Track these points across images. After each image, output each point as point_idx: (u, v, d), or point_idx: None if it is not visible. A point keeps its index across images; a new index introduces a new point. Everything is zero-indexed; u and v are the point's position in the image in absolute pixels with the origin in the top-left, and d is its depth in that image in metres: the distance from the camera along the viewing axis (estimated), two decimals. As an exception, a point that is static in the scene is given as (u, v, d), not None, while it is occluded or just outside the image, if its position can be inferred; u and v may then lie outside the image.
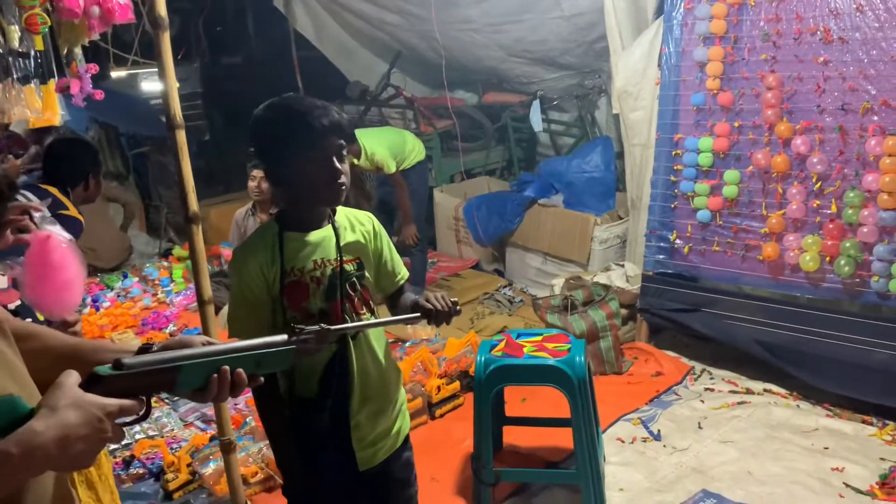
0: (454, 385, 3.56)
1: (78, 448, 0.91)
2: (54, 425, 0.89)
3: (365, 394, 1.79)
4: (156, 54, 2.59)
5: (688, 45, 3.66)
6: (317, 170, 1.67)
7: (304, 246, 1.74)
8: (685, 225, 3.75)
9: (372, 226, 1.87)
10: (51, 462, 0.91)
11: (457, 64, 5.84)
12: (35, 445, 0.88)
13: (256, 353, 1.19)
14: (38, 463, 0.90)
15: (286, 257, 1.72)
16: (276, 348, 1.23)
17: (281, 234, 1.73)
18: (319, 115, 1.65)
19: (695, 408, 3.42)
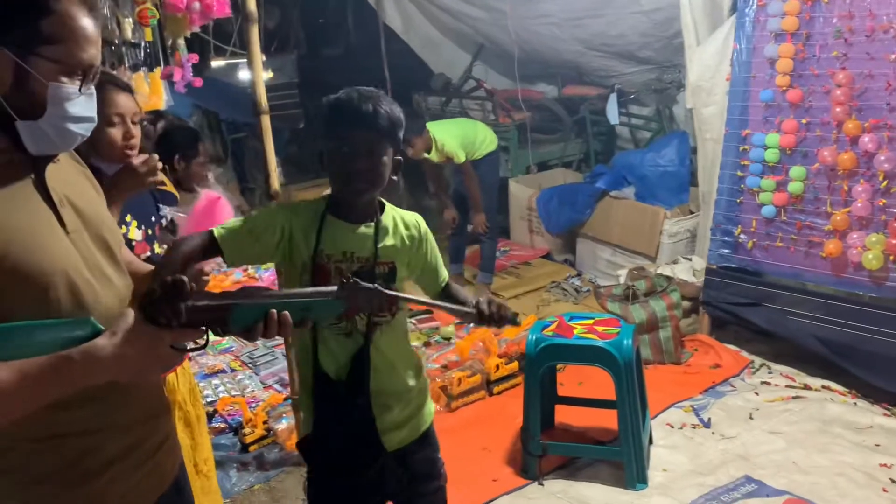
0: (513, 365, 3.73)
1: (134, 365, 1.12)
2: (113, 344, 1.09)
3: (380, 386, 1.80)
4: (245, 45, 2.87)
5: (759, 42, 3.69)
6: (336, 160, 1.68)
7: (341, 235, 1.73)
8: (750, 220, 3.79)
9: (418, 230, 1.83)
10: (108, 374, 1.11)
11: (537, 57, 5.98)
12: (94, 358, 1.08)
13: (306, 300, 1.29)
14: (96, 373, 1.10)
15: (324, 241, 1.71)
16: (324, 298, 1.30)
17: (324, 215, 1.73)
18: (353, 106, 1.65)
19: (748, 399, 3.47)
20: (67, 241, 1.21)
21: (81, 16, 1.17)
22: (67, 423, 1.21)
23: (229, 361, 4.13)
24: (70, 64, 1.16)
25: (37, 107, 1.16)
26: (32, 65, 1.13)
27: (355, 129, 1.64)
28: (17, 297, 1.12)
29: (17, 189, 1.18)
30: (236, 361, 4.12)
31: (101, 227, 1.31)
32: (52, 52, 1.14)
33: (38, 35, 1.13)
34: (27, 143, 1.17)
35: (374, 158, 1.66)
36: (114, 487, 1.28)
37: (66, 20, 1.14)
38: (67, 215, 1.23)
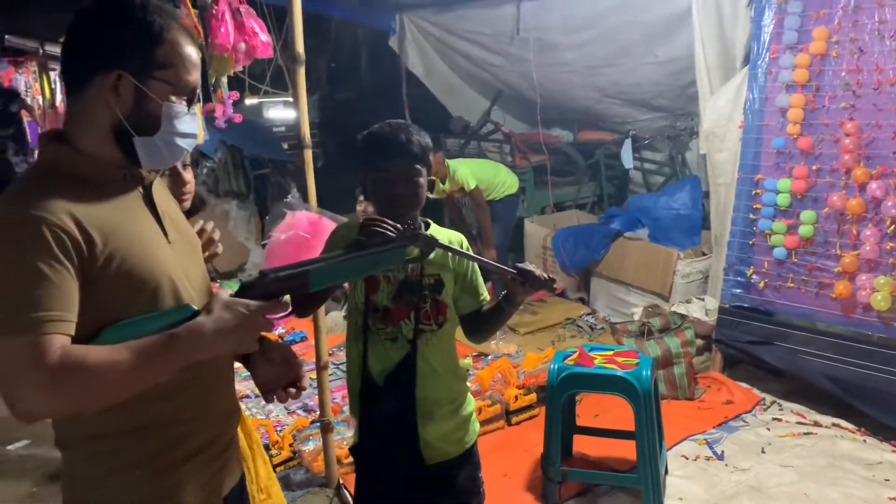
0: (531, 396, 3.84)
1: (233, 336, 1.26)
2: (212, 319, 1.24)
3: (424, 394, 1.89)
4: (291, 85, 3.06)
5: (771, 92, 3.88)
6: (378, 188, 1.83)
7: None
8: (762, 261, 3.93)
9: (463, 245, 1.94)
10: (211, 346, 1.25)
11: (554, 103, 6.20)
12: (198, 333, 1.22)
13: (373, 253, 1.49)
14: (200, 346, 1.24)
15: None
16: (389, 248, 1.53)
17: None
18: (390, 138, 1.81)
19: (760, 434, 3.57)
20: (170, 250, 1.37)
21: (187, 44, 1.33)
22: (159, 413, 1.33)
23: (253, 388, 4.24)
24: (179, 85, 1.32)
25: (152, 125, 1.31)
26: (149, 87, 1.29)
27: (395, 158, 1.81)
28: (130, 298, 1.26)
29: (131, 201, 1.34)
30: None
31: (190, 238, 1.49)
32: (164, 75, 1.30)
33: (153, 61, 1.28)
34: (142, 157, 1.32)
35: (413, 182, 1.84)
36: (196, 478, 1.39)
37: (175, 47, 1.30)
38: (169, 226, 1.39)
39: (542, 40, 5.46)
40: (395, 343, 1.87)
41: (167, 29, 1.30)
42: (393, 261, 1.55)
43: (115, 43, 1.28)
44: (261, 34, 3.52)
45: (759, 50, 3.92)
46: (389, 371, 1.87)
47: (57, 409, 1.21)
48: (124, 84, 1.27)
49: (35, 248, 1.16)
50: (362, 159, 1.88)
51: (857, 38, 3.53)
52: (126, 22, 1.29)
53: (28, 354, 1.13)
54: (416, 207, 1.87)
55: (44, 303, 1.15)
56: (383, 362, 1.88)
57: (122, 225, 1.28)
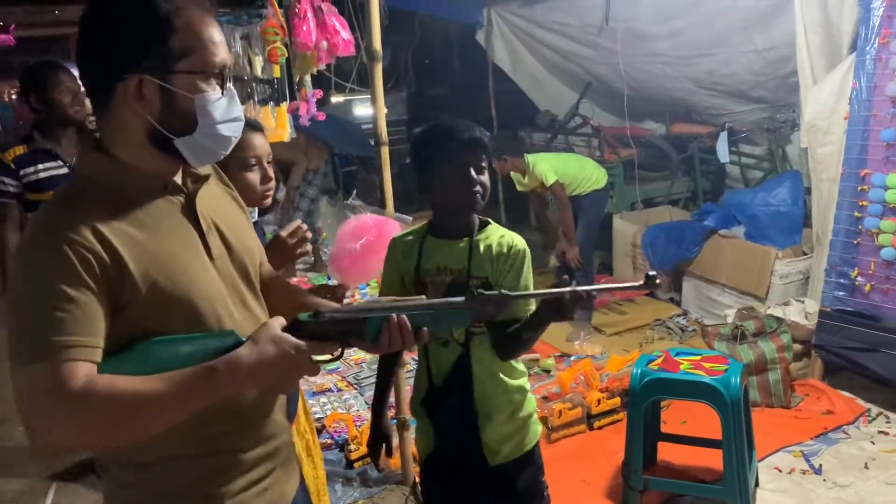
0: (615, 400, 3.72)
1: (273, 374, 1.17)
2: (254, 353, 1.15)
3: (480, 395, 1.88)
4: (369, 82, 3.06)
5: (880, 80, 3.60)
6: (455, 177, 1.82)
7: (437, 251, 1.89)
8: (868, 262, 3.66)
9: (511, 249, 1.87)
10: (249, 382, 1.16)
11: (646, 95, 5.99)
12: (237, 367, 1.13)
13: (435, 311, 1.34)
14: (238, 381, 1.15)
15: (422, 258, 1.88)
16: (453, 308, 1.36)
17: (425, 236, 1.92)
18: (461, 130, 1.83)
19: (864, 448, 3.33)
20: (212, 270, 1.27)
21: (204, 24, 1.21)
22: (210, 438, 1.26)
23: (336, 381, 4.31)
24: (206, 71, 1.21)
25: (188, 121, 1.21)
26: (174, 83, 1.19)
27: (470, 150, 1.83)
28: (163, 320, 1.18)
29: (169, 215, 1.25)
30: (343, 381, 4.30)
31: (243, 254, 1.36)
32: (187, 64, 1.19)
33: (170, 53, 1.18)
34: (188, 157, 1.24)
35: (485, 174, 1.86)
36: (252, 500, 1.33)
37: (191, 31, 1.19)
38: (213, 242, 1.29)
39: (632, 30, 5.27)
40: (446, 347, 1.87)
41: (176, 13, 1.18)
42: (457, 323, 1.48)
43: (124, 46, 1.18)
44: (342, 32, 3.55)
45: (868, 35, 3.64)
46: (446, 374, 1.88)
47: (79, 442, 1.12)
48: (147, 87, 1.18)
49: (58, 270, 1.09)
50: (420, 155, 1.89)
51: (981, 19, 3.23)
52: (129, 20, 1.18)
53: (49, 382, 1.06)
54: (486, 200, 1.87)
55: (67, 327, 1.08)
56: (440, 365, 1.89)
57: (156, 242, 1.19)
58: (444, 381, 1.88)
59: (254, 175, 1.97)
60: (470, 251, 1.86)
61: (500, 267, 1.87)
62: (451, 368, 1.87)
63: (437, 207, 1.92)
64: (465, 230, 1.89)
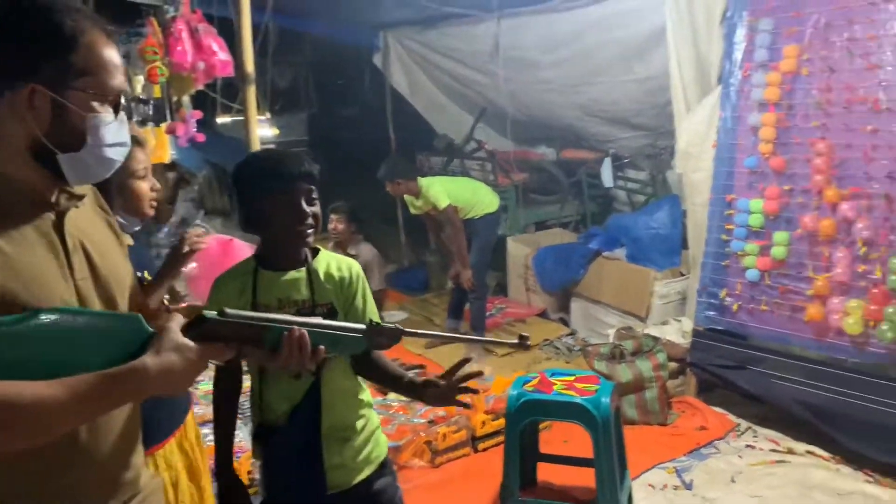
0: (499, 422, 3.74)
1: (175, 380, 1.16)
2: (159, 362, 1.14)
3: (331, 422, 1.86)
4: (241, 104, 3.02)
5: (743, 111, 3.81)
6: (286, 210, 1.77)
7: (274, 285, 1.82)
8: (735, 283, 3.85)
9: (349, 273, 1.89)
10: (155, 389, 1.16)
11: (537, 121, 6.16)
12: (142, 376, 1.13)
13: (337, 333, 1.38)
14: (145, 390, 1.16)
15: (258, 293, 1.81)
16: (355, 333, 1.40)
17: (256, 270, 1.84)
18: (290, 162, 1.79)
19: (732, 462, 3.47)
20: (73, 289, 1.22)
21: (106, 46, 1.21)
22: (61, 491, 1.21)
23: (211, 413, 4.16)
24: (102, 92, 1.21)
25: (76, 139, 1.19)
26: (69, 98, 1.17)
27: (297, 181, 1.78)
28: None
29: (36, 229, 1.20)
30: (226, 411, 4.16)
31: (109, 280, 1.31)
32: (84, 83, 1.18)
33: (69, 69, 1.16)
34: (68, 174, 1.21)
35: (316, 205, 1.82)
36: None
37: (93, 51, 1.18)
38: (77, 262, 1.25)
39: (521, 58, 5.42)
40: (298, 379, 1.80)
41: (81, 31, 1.17)
42: (352, 349, 1.44)
43: (23, 54, 1.15)
44: (220, 53, 3.49)
45: (732, 68, 3.86)
46: (295, 407, 1.81)
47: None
48: (39, 98, 1.15)
49: None
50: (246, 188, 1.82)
51: (828, 56, 3.47)
52: (32, 28, 1.16)
53: None
54: (311, 237, 1.83)
55: None
56: (290, 400, 1.82)
57: (18, 255, 1.15)
58: (292, 416, 1.82)
59: (143, 184, 2.03)
60: (310, 280, 1.83)
61: (346, 291, 1.87)
62: (302, 399, 1.81)
63: (268, 240, 1.86)
64: (299, 260, 1.86)
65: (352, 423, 1.90)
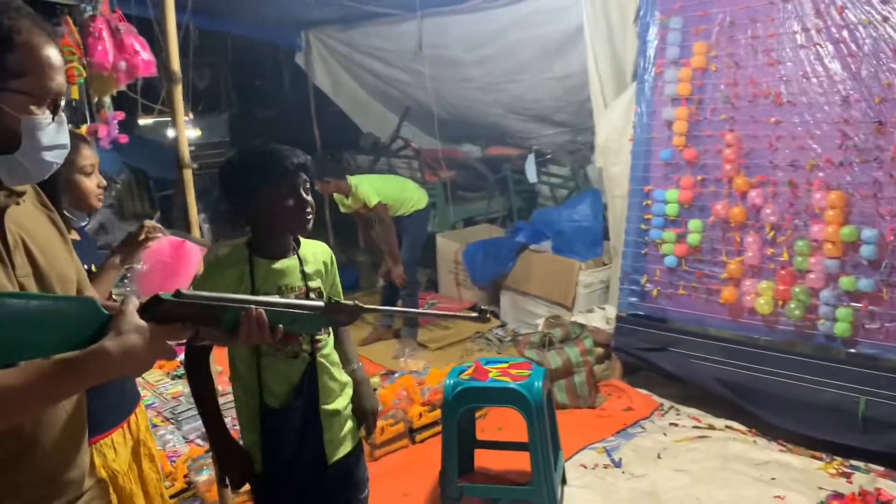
0: (435, 413, 3.82)
1: (136, 361, 1.15)
2: (119, 344, 1.12)
3: (325, 400, 2.00)
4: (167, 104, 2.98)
5: (658, 106, 4.00)
6: (288, 200, 1.88)
7: (272, 272, 1.91)
8: (654, 270, 4.04)
9: (328, 258, 2.07)
10: (117, 372, 1.15)
11: (462, 119, 6.26)
12: (103, 360, 1.11)
13: (295, 311, 1.38)
14: (106, 373, 1.14)
15: (257, 281, 1.89)
16: (312, 311, 1.40)
17: (251, 259, 1.92)
18: (288, 154, 1.89)
19: (657, 440, 3.65)
20: (15, 285, 1.22)
21: (44, 45, 1.17)
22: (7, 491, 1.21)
23: (152, 417, 4.10)
24: (39, 94, 1.17)
25: (10, 141, 1.16)
26: (3, 101, 1.14)
27: (297, 172, 1.90)
28: None
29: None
30: (158, 417, 4.09)
31: (51, 278, 1.31)
32: (20, 84, 1.15)
33: (4, 70, 1.13)
34: (3, 177, 1.19)
35: (309, 195, 1.94)
36: None
37: (30, 51, 1.15)
38: (18, 259, 1.24)
39: (444, 57, 5.51)
40: (296, 360, 1.92)
41: (17, 30, 1.13)
42: (311, 327, 1.46)
43: None
44: (143, 52, 3.44)
45: (646, 65, 4.04)
46: (295, 388, 1.93)
47: None
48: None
49: None
50: (242, 180, 1.91)
51: (734, 52, 3.68)
52: None
53: None
54: (310, 225, 1.94)
55: None
56: (289, 381, 1.93)
57: None
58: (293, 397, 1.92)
59: (90, 181, 2.08)
60: (301, 266, 1.95)
61: (329, 275, 2.04)
62: (300, 380, 1.92)
63: (264, 230, 1.94)
64: (289, 248, 1.98)
65: (340, 401, 2.04)
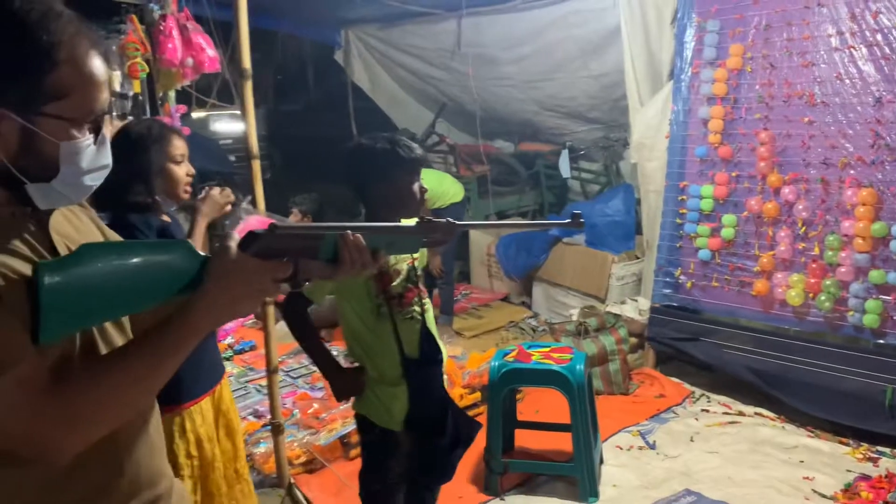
0: (475, 395, 4.01)
1: (244, 303, 1.11)
2: (225, 287, 1.08)
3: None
4: (239, 99, 3.18)
5: (694, 104, 4.16)
6: (403, 190, 2.11)
7: None
8: (688, 262, 4.19)
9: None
10: (226, 315, 1.11)
11: (496, 115, 6.43)
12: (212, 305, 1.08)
13: (390, 235, 1.34)
14: (217, 317, 1.10)
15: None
16: (406, 233, 1.38)
17: None
18: (408, 149, 2.11)
19: (689, 424, 3.81)
20: None
21: (89, 60, 1.04)
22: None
23: (205, 395, 4.32)
24: (82, 116, 1.05)
25: (47, 168, 1.04)
26: (40, 125, 1.01)
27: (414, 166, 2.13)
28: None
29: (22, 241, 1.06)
30: (211, 395, 4.31)
31: None
32: (60, 108, 1.01)
33: (42, 93, 1.00)
34: (37, 201, 1.06)
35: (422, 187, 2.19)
36: None
37: (73, 69, 1.02)
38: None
39: (482, 55, 5.68)
40: (412, 320, 2.18)
41: (59, 45, 0.99)
42: (408, 248, 1.43)
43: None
44: (208, 49, 3.64)
45: (683, 65, 4.20)
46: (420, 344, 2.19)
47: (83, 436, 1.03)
48: (6, 124, 0.99)
49: None
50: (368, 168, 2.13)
51: (769, 54, 3.83)
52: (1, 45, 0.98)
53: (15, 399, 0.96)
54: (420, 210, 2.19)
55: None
56: (413, 339, 2.18)
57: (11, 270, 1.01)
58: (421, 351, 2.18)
59: (179, 169, 2.24)
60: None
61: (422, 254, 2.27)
62: (420, 337, 2.18)
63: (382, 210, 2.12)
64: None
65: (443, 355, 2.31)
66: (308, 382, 4.44)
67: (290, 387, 4.32)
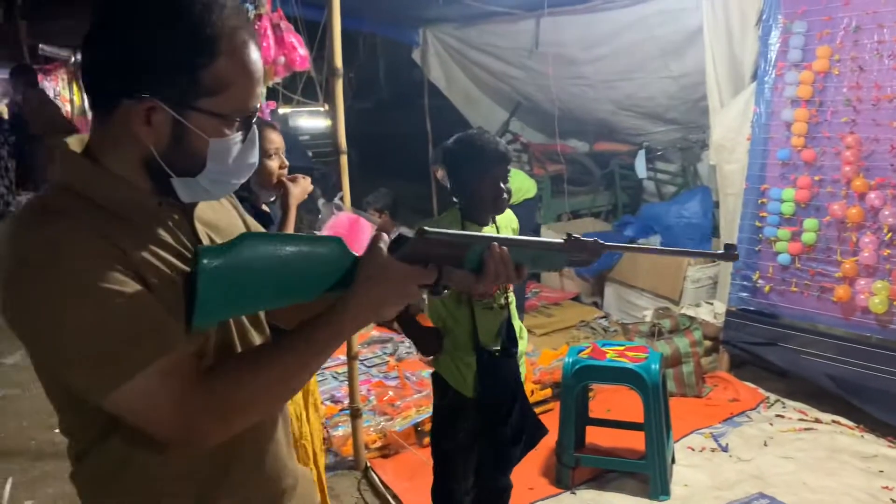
0: (546, 391, 4.07)
1: (387, 307, 1.12)
2: (373, 289, 1.09)
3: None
4: (329, 96, 3.32)
5: (777, 107, 4.10)
6: (488, 187, 2.28)
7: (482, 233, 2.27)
8: (767, 266, 4.15)
9: (516, 224, 2.54)
10: (371, 316, 1.12)
11: (571, 115, 6.45)
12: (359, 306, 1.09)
13: (536, 251, 1.31)
14: (363, 318, 1.11)
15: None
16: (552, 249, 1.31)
17: (463, 223, 2.34)
18: (494, 146, 2.29)
19: (763, 429, 3.78)
20: None
21: (248, 57, 1.02)
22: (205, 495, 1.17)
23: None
24: (236, 113, 1.03)
25: (195, 163, 1.04)
26: (192, 120, 1.00)
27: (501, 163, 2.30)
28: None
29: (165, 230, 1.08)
30: (291, 380, 4.50)
31: None
32: (213, 104, 1.00)
33: (198, 87, 0.99)
34: (181, 195, 1.08)
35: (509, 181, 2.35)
36: None
37: (233, 63, 1.00)
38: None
39: (559, 55, 5.71)
40: (492, 310, 2.33)
41: (220, 39, 0.98)
42: (552, 265, 1.38)
43: (146, 62, 0.97)
44: (299, 48, 3.80)
45: (766, 67, 4.15)
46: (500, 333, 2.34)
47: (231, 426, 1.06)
48: (158, 116, 0.99)
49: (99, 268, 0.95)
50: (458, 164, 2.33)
51: (858, 56, 3.75)
52: (161, 30, 0.96)
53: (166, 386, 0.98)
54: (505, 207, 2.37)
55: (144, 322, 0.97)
56: (493, 328, 2.33)
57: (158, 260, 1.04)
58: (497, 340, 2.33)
59: (272, 162, 2.43)
60: (497, 232, 2.37)
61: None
62: (499, 329, 2.33)
63: (473, 202, 2.34)
64: (490, 217, 2.40)
65: (523, 343, 2.47)
66: (382, 371, 4.58)
67: (364, 375, 4.46)
